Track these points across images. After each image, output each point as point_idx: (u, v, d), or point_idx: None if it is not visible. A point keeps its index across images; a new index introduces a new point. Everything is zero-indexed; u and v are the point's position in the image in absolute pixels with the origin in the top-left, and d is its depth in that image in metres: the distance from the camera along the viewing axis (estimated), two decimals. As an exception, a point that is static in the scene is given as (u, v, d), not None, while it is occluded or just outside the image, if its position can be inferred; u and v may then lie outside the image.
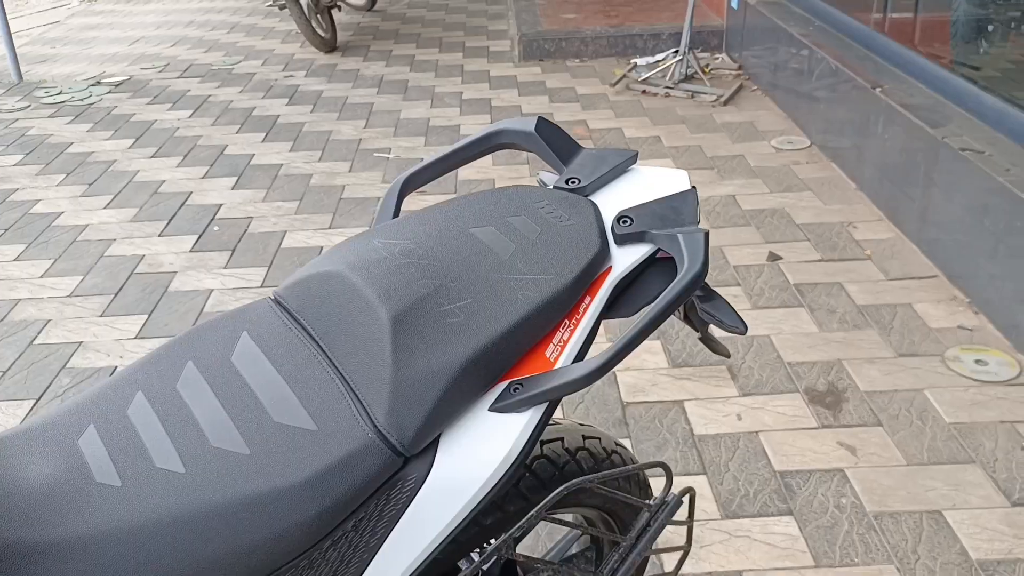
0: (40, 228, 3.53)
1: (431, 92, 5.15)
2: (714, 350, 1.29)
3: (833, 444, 2.25)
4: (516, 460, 0.95)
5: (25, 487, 0.83)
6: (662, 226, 1.05)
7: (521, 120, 1.21)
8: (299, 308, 1.02)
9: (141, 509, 0.83)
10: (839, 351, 2.61)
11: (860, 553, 1.92)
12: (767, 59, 4.80)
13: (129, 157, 4.25)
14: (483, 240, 1.04)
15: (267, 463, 0.87)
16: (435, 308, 0.96)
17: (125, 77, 5.58)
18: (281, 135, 4.51)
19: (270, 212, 3.64)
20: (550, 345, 0.99)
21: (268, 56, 5.99)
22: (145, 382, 0.95)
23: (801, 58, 4.26)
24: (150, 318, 2.87)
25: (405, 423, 0.91)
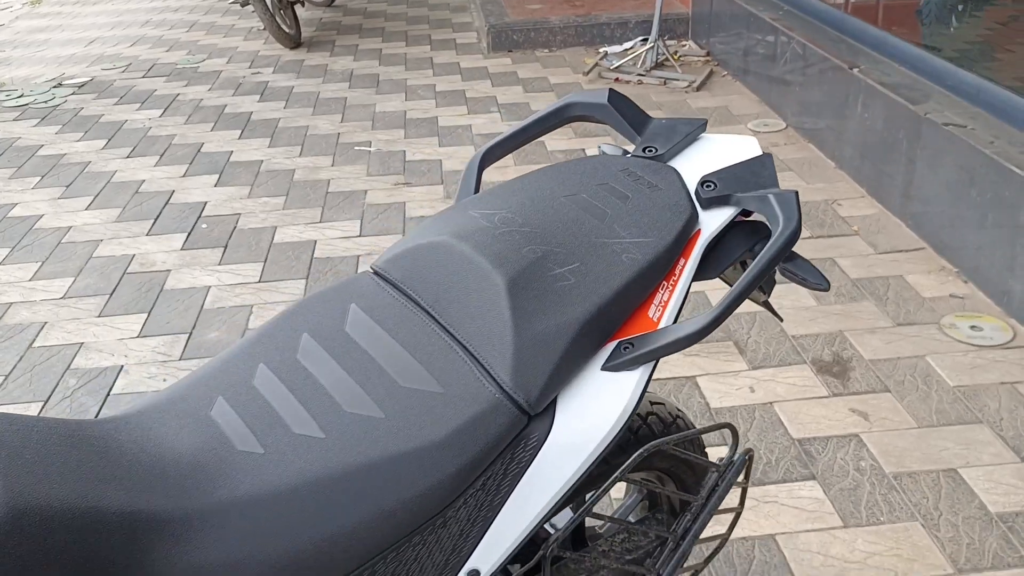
0: (22, 231, 3.45)
1: (404, 85, 5.14)
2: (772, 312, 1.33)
3: (845, 411, 2.32)
4: (630, 417, 0.98)
5: (173, 458, 0.83)
6: (745, 189, 1.09)
7: (592, 92, 1.23)
8: (403, 279, 1.04)
9: (288, 474, 0.83)
10: (839, 323, 2.68)
11: (885, 512, 1.99)
12: (736, 44, 4.89)
13: (104, 158, 4.17)
14: (577, 207, 1.07)
15: (403, 425, 0.89)
16: (546, 273, 0.98)
17: (87, 78, 5.46)
18: (257, 131, 4.46)
19: (257, 208, 3.60)
20: (652, 306, 1.02)
21: (232, 54, 5.91)
22: (264, 355, 0.95)
23: (773, 42, 4.35)
24: (150, 316, 2.83)
25: (529, 383, 0.93)
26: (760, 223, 1.16)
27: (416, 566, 0.92)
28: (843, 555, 1.89)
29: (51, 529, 0.70)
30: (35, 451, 0.74)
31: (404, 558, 0.90)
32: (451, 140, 4.27)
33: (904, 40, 3.55)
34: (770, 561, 1.88)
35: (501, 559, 0.99)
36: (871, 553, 1.89)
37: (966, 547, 1.89)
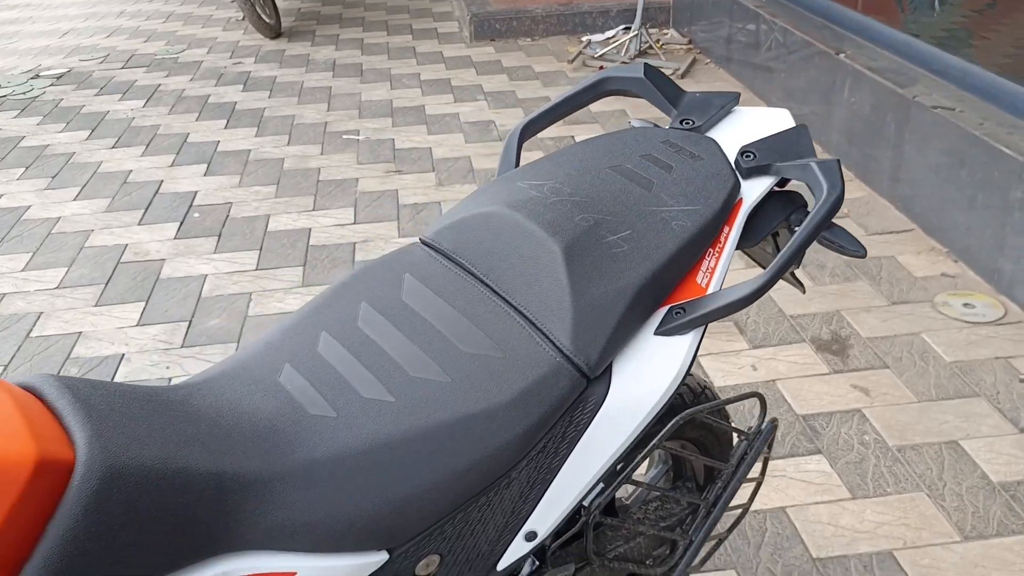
0: (9, 223, 3.40)
1: (388, 74, 5.12)
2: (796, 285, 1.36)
3: (847, 387, 2.36)
4: (683, 380, 1.00)
5: (249, 422, 0.84)
6: (783, 159, 1.11)
7: (628, 67, 1.25)
8: (455, 249, 1.05)
9: (362, 436, 0.85)
10: (835, 302, 2.73)
11: (891, 484, 2.03)
12: (718, 32, 4.93)
13: (88, 149, 4.12)
14: (623, 177, 1.09)
15: (469, 388, 0.90)
16: (600, 240, 1.00)
17: (65, 69, 5.38)
18: (243, 121, 4.43)
19: (249, 197, 3.58)
20: (700, 272, 1.05)
21: (212, 44, 5.85)
22: (326, 323, 0.96)
23: (755, 29, 4.40)
24: (148, 305, 2.81)
25: (589, 346, 0.95)
26: (795, 194, 1.19)
27: (480, 527, 0.94)
28: (853, 525, 1.93)
29: (146, 489, 0.71)
30: (121, 414, 0.75)
31: (471, 519, 0.92)
32: (439, 128, 4.27)
33: (889, 25, 3.61)
34: (782, 532, 1.92)
35: (557, 521, 1.01)
36: (880, 523, 1.93)
37: (971, 515, 1.94)
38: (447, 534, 0.91)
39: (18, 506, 0.63)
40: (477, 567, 0.98)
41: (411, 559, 0.89)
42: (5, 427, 0.66)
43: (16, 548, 0.64)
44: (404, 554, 0.87)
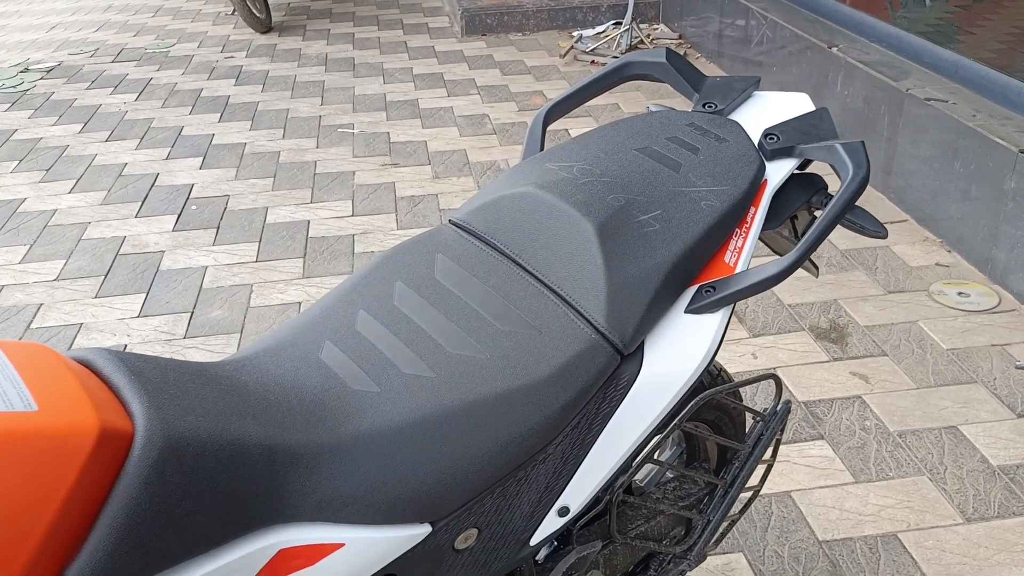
0: (5, 215, 3.38)
1: (380, 69, 5.12)
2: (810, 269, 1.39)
3: (846, 374, 2.39)
4: (713, 356, 1.02)
5: (296, 396, 0.85)
6: (807, 141, 1.13)
7: (650, 52, 1.27)
8: (486, 229, 1.06)
9: (405, 410, 0.86)
10: (833, 292, 2.76)
11: (893, 468, 2.07)
12: (708, 27, 4.96)
13: (82, 142, 4.10)
14: (651, 158, 1.10)
15: (508, 365, 0.92)
16: (631, 219, 1.02)
17: (55, 63, 5.35)
18: (237, 115, 4.42)
19: (246, 190, 3.58)
20: (728, 252, 1.07)
21: (203, 38, 5.83)
22: (362, 302, 0.98)
23: (747, 24, 4.43)
24: (149, 296, 2.81)
25: (623, 324, 0.96)
26: (815, 176, 1.21)
27: (516, 502, 0.95)
28: (857, 509, 1.96)
29: (203, 460, 0.72)
30: (175, 387, 0.76)
31: (508, 493, 0.94)
32: (434, 122, 4.27)
33: (881, 19, 3.65)
34: (788, 516, 1.95)
35: (589, 496, 1.03)
36: (883, 506, 1.96)
37: (972, 498, 1.97)
38: (486, 508, 0.92)
39: (84, 474, 0.64)
40: (511, 542, 0.99)
41: (452, 532, 0.90)
42: (67, 398, 0.67)
43: (81, 516, 0.65)
44: (446, 527, 0.89)
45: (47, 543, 0.62)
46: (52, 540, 0.63)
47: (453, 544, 0.91)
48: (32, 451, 0.62)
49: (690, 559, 1.34)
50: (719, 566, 1.85)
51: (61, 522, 0.63)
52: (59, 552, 0.64)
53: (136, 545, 0.67)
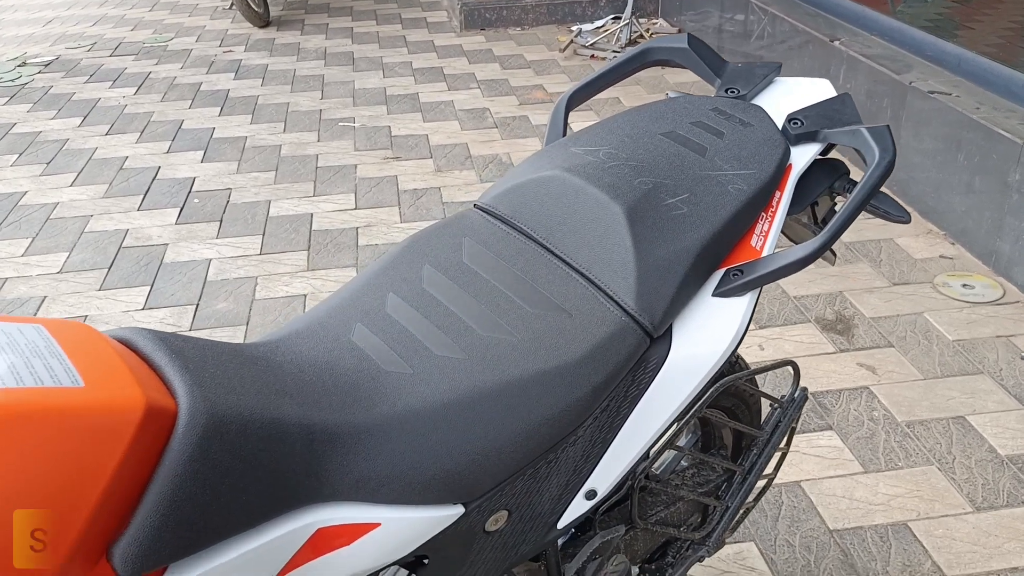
0: (6, 208, 3.36)
1: (380, 63, 5.11)
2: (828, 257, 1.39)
3: (853, 365, 2.40)
4: (741, 339, 1.02)
5: (330, 377, 0.85)
6: (831, 126, 1.13)
7: (672, 38, 1.27)
8: (512, 213, 1.06)
9: (439, 392, 0.86)
10: (838, 284, 2.77)
11: (902, 458, 2.07)
12: (708, 21, 4.96)
13: (82, 135, 4.08)
14: (676, 143, 1.10)
15: (539, 347, 0.91)
16: (659, 202, 1.02)
17: (52, 57, 5.32)
18: (237, 108, 4.41)
19: (248, 183, 3.57)
20: (754, 235, 1.07)
21: (201, 32, 5.81)
22: (391, 285, 0.97)
23: (746, 18, 4.44)
24: (153, 289, 2.80)
25: (653, 306, 0.96)
26: (837, 162, 1.21)
27: (546, 484, 0.95)
28: (867, 498, 1.96)
29: (245, 437, 0.72)
30: (215, 366, 0.76)
31: (539, 475, 0.94)
32: (435, 115, 4.27)
33: (882, 12, 3.65)
34: (798, 505, 1.95)
35: (615, 480, 1.03)
36: (893, 496, 1.97)
37: (981, 487, 1.98)
38: (517, 490, 0.92)
39: (131, 450, 0.64)
40: (539, 525, 0.99)
41: (483, 514, 0.90)
42: (112, 375, 0.67)
43: (127, 493, 0.65)
44: (478, 508, 0.89)
45: (96, 518, 0.62)
46: (100, 516, 0.62)
47: (484, 526, 0.91)
48: (81, 426, 0.61)
49: (709, 545, 1.35)
50: (731, 555, 1.86)
51: (109, 498, 0.63)
52: (106, 528, 0.64)
53: (181, 522, 0.66)
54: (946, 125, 2.96)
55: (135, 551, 0.64)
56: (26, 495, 0.59)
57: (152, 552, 0.65)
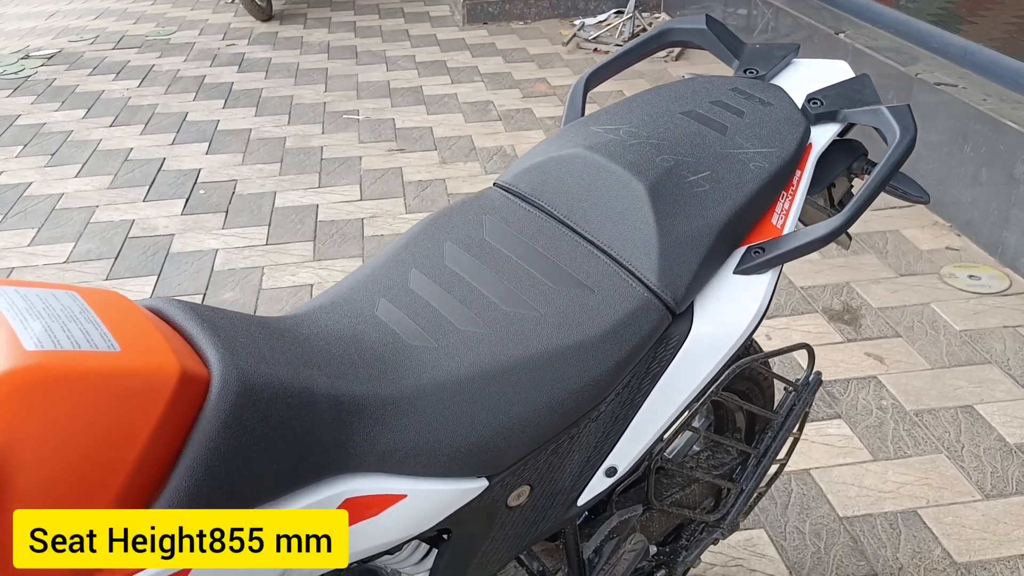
0: (12, 199, 3.36)
1: (383, 56, 5.11)
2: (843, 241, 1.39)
3: (861, 355, 2.40)
4: (763, 317, 1.02)
5: (356, 350, 0.85)
6: (851, 106, 1.14)
7: (690, 19, 1.27)
8: (532, 191, 1.06)
9: (463, 366, 0.86)
10: (845, 274, 2.77)
11: (911, 446, 2.08)
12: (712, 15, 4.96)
13: (86, 127, 4.07)
14: (697, 121, 1.10)
15: (562, 322, 0.92)
16: (681, 179, 1.02)
17: (55, 50, 5.32)
18: (241, 101, 4.41)
19: (253, 174, 3.57)
20: (774, 214, 1.07)
21: (203, 26, 5.80)
22: (414, 261, 0.97)
23: (750, 12, 4.44)
24: (160, 279, 2.80)
25: (676, 282, 0.97)
26: (855, 143, 1.21)
27: (568, 459, 0.96)
28: (876, 486, 1.97)
29: (276, 405, 0.72)
30: (245, 336, 0.76)
31: (561, 450, 0.94)
32: (439, 108, 4.26)
33: (888, 5, 3.65)
34: (808, 493, 1.96)
35: (635, 458, 1.03)
36: (902, 483, 1.97)
37: (990, 475, 1.98)
38: (539, 465, 0.92)
39: (166, 415, 0.64)
40: (560, 501, 1.00)
41: (507, 488, 0.90)
42: (147, 341, 0.67)
43: (162, 458, 0.65)
44: (501, 482, 0.89)
45: (132, 480, 0.62)
46: (137, 478, 0.63)
47: (507, 500, 0.92)
48: (118, 389, 0.61)
49: (723, 528, 1.35)
50: (741, 542, 1.86)
51: (145, 461, 0.63)
52: (143, 492, 0.64)
53: (216, 488, 0.67)
54: (952, 117, 2.96)
55: None
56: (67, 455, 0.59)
57: None
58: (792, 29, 4.03)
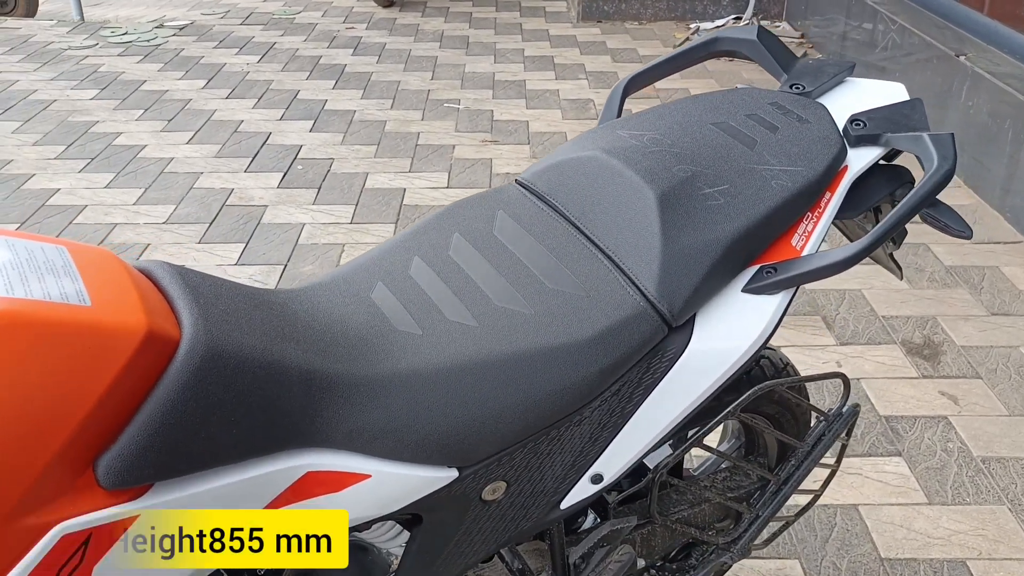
0: (126, 159, 3.57)
1: (493, 48, 5.16)
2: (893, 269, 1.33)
3: (935, 393, 2.29)
4: (767, 340, 1.00)
5: (341, 330, 0.87)
6: (895, 130, 1.09)
7: (741, 29, 1.24)
8: (549, 191, 1.07)
9: (445, 355, 0.87)
10: (932, 307, 2.65)
11: (971, 493, 1.97)
12: (833, 28, 4.80)
13: (204, 97, 4.28)
14: (726, 134, 1.08)
15: (551, 322, 0.92)
16: (696, 191, 1.00)
17: (187, 21, 5.60)
18: (351, 83, 4.54)
19: (350, 154, 3.68)
20: (796, 235, 1.04)
21: (327, 8, 6.00)
22: (419, 249, 1.00)
23: (874, 27, 4.27)
24: (248, 247, 2.92)
25: (674, 294, 0.95)
26: (902, 169, 1.16)
27: (548, 460, 0.96)
28: (926, 530, 1.88)
29: (242, 374, 0.75)
30: (227, 304, 0.79)
31: (539, 451, 0.94)
32: (538, 103, 4.28)
33: (1017, 30, 3.45)
34: (851, 529, 1.89)
35: (624, 467, 1.02)
36: (955, 531, 1.87)
37: (1054, 534, 1.86)
38: (516, 463, 0.93)
39: (127, 371, 0.68)
40: (541, 502, 1.00)
41: (479, 481, 0.91)
42: (121, 299, 0.71)
43: (119, 412, 0.69)
44: (473, 475, 0.90)
45: (84, 429, 0.66)
46: (90, 427, 0.67)
47: (481, 494, 0.93)
48: (78, 342, 0.66)
49: (733, 552, 1.32)
50: (772, 570, 1.81)
51: (99, 412, 0.67)
52: (96, 441, 0.68)
53: (167, 445, 0.70)
54: (1070, 151, 2.78)
55: (118, 465, 0.68)
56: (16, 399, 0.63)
57: (135, 468, 0.68)
58: (913, 48, 3.85)
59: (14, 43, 5.10)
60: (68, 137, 3.77)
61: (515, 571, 1.07)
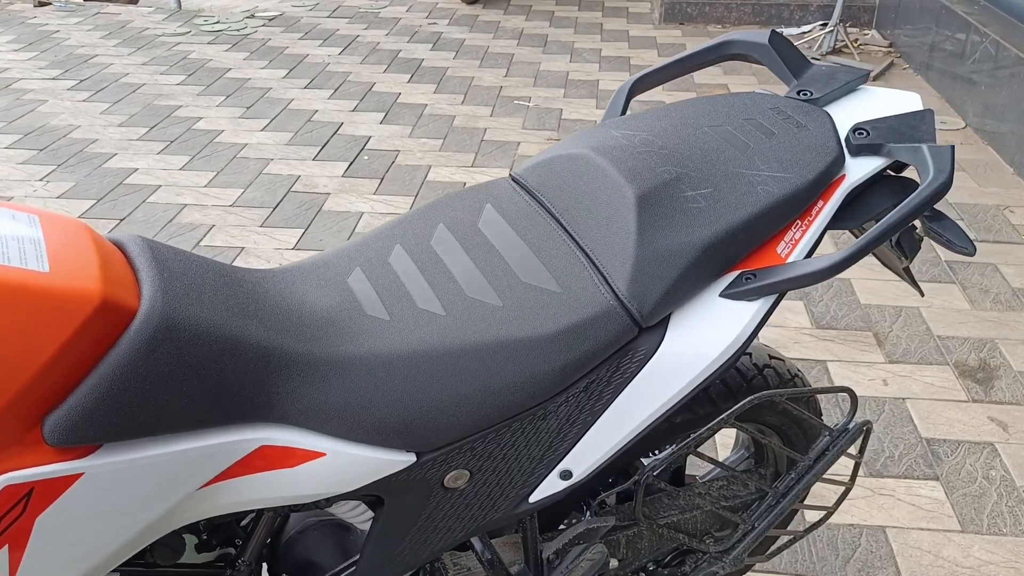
0: (203, 143, 3.72)
1: (570, 47, 5.16)
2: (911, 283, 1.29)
3: (983, 418, 2.20)
4: (742, 347, 0.99)
5: (309, 311, 0.91)
6: (899, 141, 1.06)
7: (754, 32, 1.23)
8: (538, 186, 1.08)
9: (408, 341, 0.90)
10: (992, 330, 2.54)
11: (1009, 524, 1.89)
12: (923, 38, 4.63)
13: (283, 86, 4.42)
14: (720, 137, 1.07)
15: (519, 315, 0.93)
16: (678, 193, 1.00)
17: (277, 12, 5.78)
18: (426, 78, 4.61)
19: (416, 147, 3.74)
20: (781, 242, 1.02)
21: (412, 3, 6.10)
22: (402, 237, 1.02)
23: (963, 39, 4.10)
24: (306, 232, 3.01)
25: (645, 295, 0.95)
26: (910, 181, 1.13)
27: (513, 452, 0.97)
28: (955, 558, 1.81)
29: (196, 346, 0.78)
30: (192, 279, 0.83)
31: (502, 441, 0.95)
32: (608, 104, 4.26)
33: (1115, 44, 3.27)
34: (876, 552, 1.83)
35: (594, 466, 1.03)
36: (986, 562, 1.80)
37: (1095, 574, 1.77)
38: (477, 452, 0.94)
39: (78, 335, 0.72)
40: (509, 494, 1.01)
41: (439, 468, 0.93)
42: (81, 268, 0.76)
43: (70, 375, 0.73)
44: (432, 461, 0.92)
45: (33, 387, 0.71)
46: (38, 387, 0.71)
47: (442, 481, 0.94)
48: (29, 305, 0.70)
49: (725, 562, 1.30)
50: (788, 585, 1.78)
51: (49, 373, 0.71)
52: (44, 400, 0.72)
53: (115, 409, 0.74)
54: None
55: (64, 424, 0.72)
56: None
57: (80, 428, 0.73)
58: (1004, 61, 3.69)
59: (113, 28, 5.36)
60: (151, 120, 3.95)
61: (485, 561, 1.09)
